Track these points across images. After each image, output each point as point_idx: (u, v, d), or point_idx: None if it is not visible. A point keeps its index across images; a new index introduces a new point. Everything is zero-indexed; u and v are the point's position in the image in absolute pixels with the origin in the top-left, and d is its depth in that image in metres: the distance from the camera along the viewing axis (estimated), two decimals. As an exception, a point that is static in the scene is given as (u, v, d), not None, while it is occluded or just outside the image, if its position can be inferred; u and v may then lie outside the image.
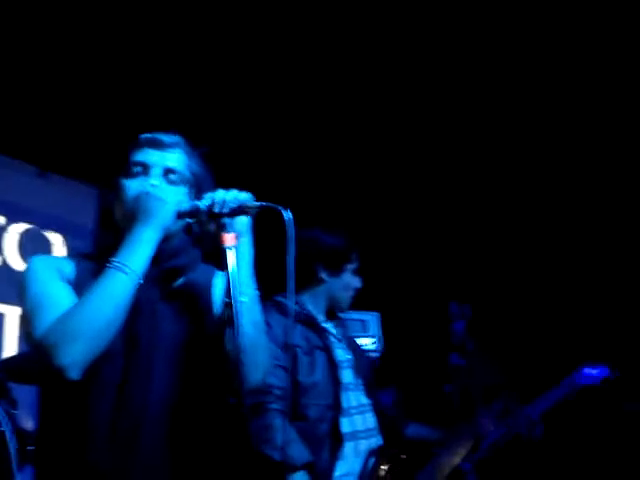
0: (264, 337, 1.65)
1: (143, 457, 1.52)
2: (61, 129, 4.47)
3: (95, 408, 1.51)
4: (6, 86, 4.12)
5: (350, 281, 2.87)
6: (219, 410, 1.66)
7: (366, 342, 4.43)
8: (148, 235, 1.55)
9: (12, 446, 2.58)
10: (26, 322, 1.54)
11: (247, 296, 1.57)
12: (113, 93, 4.36)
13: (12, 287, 4.31)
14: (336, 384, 2.66)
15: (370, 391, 2.85)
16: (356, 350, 2.94)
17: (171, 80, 4.36)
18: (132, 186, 1.67)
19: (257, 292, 1.63)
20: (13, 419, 2.74)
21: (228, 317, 1.47)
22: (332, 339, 2.80)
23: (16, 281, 4.45)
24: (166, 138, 1.73)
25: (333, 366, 2.68)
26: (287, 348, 2.43)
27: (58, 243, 4.79)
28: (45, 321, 1.47)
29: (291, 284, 1.52)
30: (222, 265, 1.52)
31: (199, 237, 1.70)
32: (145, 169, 1.69)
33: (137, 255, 1.54)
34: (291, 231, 1.50)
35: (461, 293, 3.82)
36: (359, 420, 2.71)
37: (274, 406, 2.44)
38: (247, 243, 1.61)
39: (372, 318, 4.62)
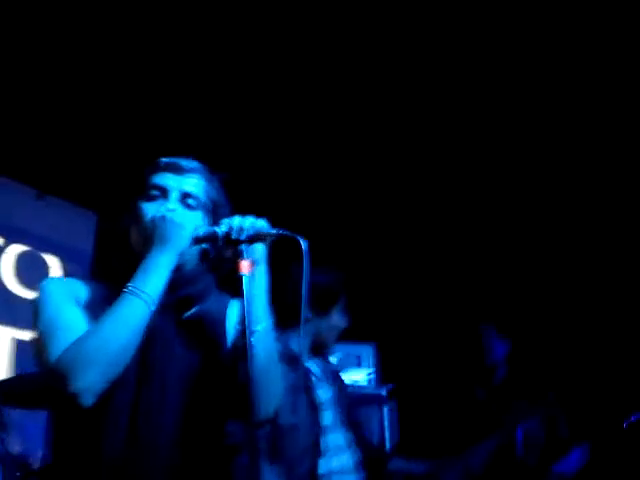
0: (278, 367, 1.62)
1: None
2: (60, 152, 4.48)
3: (108, 435, 1.49)
4: (6, 108, 4.14)
5: (337, 321, 2.83)
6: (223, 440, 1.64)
7: (360, 376, 4.42)
8: (164, 261, 1.53)
9: (0, 470, 2.54)
10: (39, 346, 1.50)
11: (261, 325, 1.55)
12: (113, 117, 4.37)
13: (7, 308, 4.35)
14: (316, 426, 2.65)
15: (350, 427, 2.84)
16: (339, 386, 2.91)
17: (176, 104, 4.37)
18: (149, 209, 1.64)
19: (271, 321, 1.61)
20: (2, 443, 2.71)
21: (242, 346, 1.45)
22: (313, 379, 2.76)
23: (10, 302, 4.47)
24: (185, 163, 1.73)
25: (314, 408, 2.65)
26: None
27: (55, 266, 4.78)
28: (59, 346, 1.44)
29: (303, 314, 1.52)
30: (237, 292, 1.50)
31: (214, 263, 1.68)
32: (163, 193, 1.67)
33: (153, 281, 1.51)
34: (307, 260, 1.49)
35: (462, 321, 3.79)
36: (335, 461, 2.70)
37: (260, 447, 2.42)
38: (263, 271, 1.59)
39: (367, 350, 4.61)
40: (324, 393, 2.75)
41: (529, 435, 3.18)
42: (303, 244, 1.49)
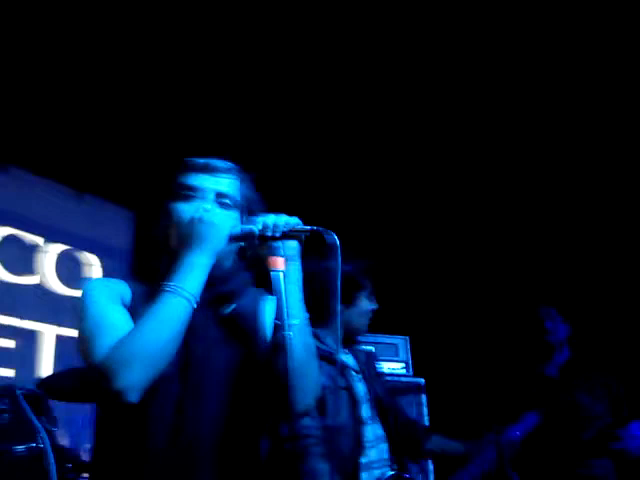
0: (314, 361, 1.66)
1: (198, 476, 1.54)
2: (97, 152, 4.57)
3: (153, 427, 1.54)
4: (45, 109, 4.24)
5: (365, 306, 2.85)
6: (268, 434, 1.69)
7: (396, 366, 4.45)
8: (202, 260, 1.57)
9: (52, 463, 2.62)
10: (85, 345, 1.55)
11: (297, 319, 1.59)
12: (150, 117, 4.46)
13: (49, 306, 4.46)
14: (357, 422, 2.69)
15: (391, 411, 2.88)
16: (371, 376, 2.95)
17: (206, 105, 4.45)
18: (186, 210, 1.68)
19: (307, 315, 1.65)
20: (52, 436, 2.79)
21: (279, 340, 1.50)
22: (352, 373, 2.81)
23: (53, 301, 4.57)
24: (219, 164, 1.77)
25: (355, 404, 2.70)
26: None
27: (94, 264, 4.89)
28: (104, 345, 1.48)
29: (337, 308, 1.54)
30: (272, 289, 1.55)
31: (251, 261, 1.73)
32: (199, 193, 1.71)
33: (192, 279, 1.55)
34: (339, 256, 1.53)
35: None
36: (374, 452, 2.75)
37: (316, 450, 2.48)
38: (296, 267, 1.63)
39: (401, 342, 4.64)
40: (362, 388, 2.80)
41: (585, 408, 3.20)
42: (336, 240, 1.53)
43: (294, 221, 1.61)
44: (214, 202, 1.71)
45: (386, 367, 4.37)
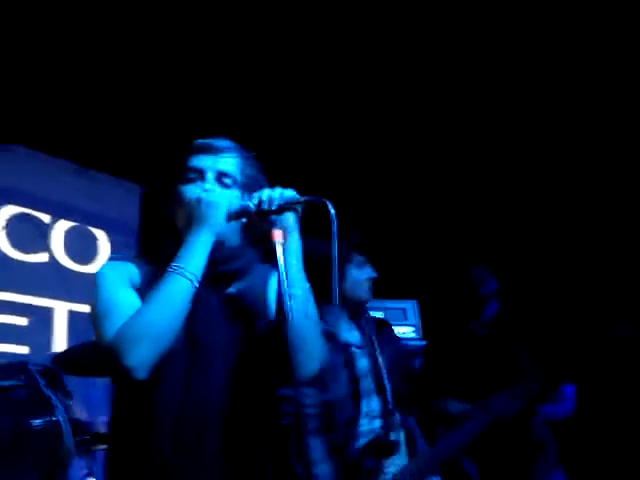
0: (317, 328, 1.69)
1: (206, 450, 1.59)
2: (100, 126, 4.56)
3: (162, 402, 1.58)
4: (48, 85, 4.23)
5: (358, 276, 2.85)
6: (272, 403, 1.72)
7: (406, 330, 4.49)
8: (202, 239, 1.62)
9: (69, 436, 2.67)
10: (97, 326, 1.61)
11: (299, 289, 1.62)
12: (153, 89, 4.44)
13: (60, 282, 4.50)
14: (356, 398, 2.75)
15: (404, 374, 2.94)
16: (382, 345, 2.98)
17: (208, 81, 4.43)
18: (189, 192, 1.72)
19: (308, 285, 1.67)
20: (68, 410, 2.84)
21: (282, 310, 1.51)
22: (353, 350, 2.85)
23: (63, 277, 4.59)
24: (219, 143, 1.78)
25: (354, 381, 2.77)
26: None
27: (102, 239, 4.91)
28: (113, 325, 1.54)
29: (335, 275, 1.54)
30: (274, 261, 1.56)
31: (255, 237, 1.74)
32: (200, 174, 1.74)
33: (193, 259, 1.60)
34: (335, 224, 1.53)
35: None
36: (366, 423, 2.82)
37: (312, 424, 2.55)
38: (295, 238, 1.65)
39: (410, 306, 4.67)
40: (364, 361, 2.85)
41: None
42: (331, 208, 1.53)
43: (289, 193, 1.62)
44: (215, 182, 1.73)
45: (397, 331, 4.40)
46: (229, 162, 1.76)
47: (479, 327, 3.27)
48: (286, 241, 1.61)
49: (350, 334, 2.88)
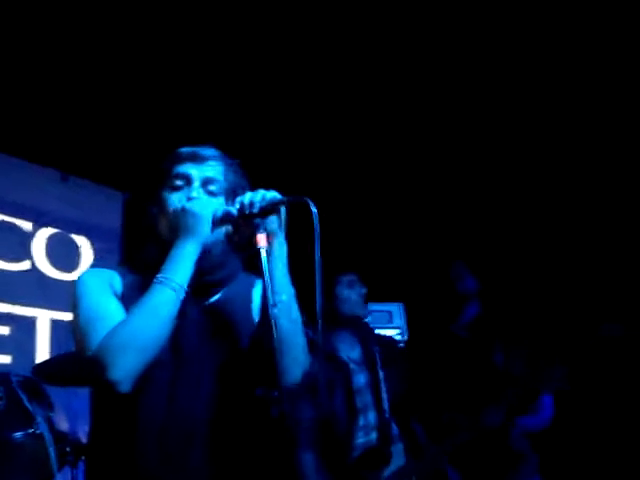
0: (302, 335, 1.67)
1: (191, 461, 1.56)
2: (82, 133, 4.52)
3: (146, 414, 1.56)
4: (28, 93, 4.18)
5: (350, 295, 3.03)
6: (259, 414, 1.71)
7: (392, 333, 4.47)
8: (189, 250, 1.59)
9: (51, 448, 2.64)
10: (79, 337, 1.58)
11: (285, 294, 1.61)
12: (133, 99, 4.41)
13: (42, 291, 4.45)
14: (352, 411, 2.86)
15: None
16: (378, 357, 3.05)
17: (189, 87, 4.41)
18: (174, 199, 1.71)
19: (293, 290, 1.66)
20: (50, 421, 2.81)
21: (265, 316, 1.50)
22: (352, 366, 2.97)
23: (45, 285, 4.55)
24: (204, 152, 1.77)
25: (350, 396, 2.87)
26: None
27: (85, 246, 4.87)
28: (96, 336, 1.51)
29: (318, 277, 1.50)
30: (259, 267, 1.53)
31: (239, 244, 1.71)
32: (186, 182, 1.73)
33: (180, 270, 1.57)
34: (317, 223, 1.50)
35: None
36: (362, 438, 2.88)
37: (303, 438, 2.61)
38: (281, 242, 1.63)
39: (396, 309, 4.66)
40: (362, 377, 2.92)
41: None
42: (313, 207, 1.50)
43: (271, 194, 1.59)
44: (201, 189, 1.72)
45: (382, 334, 4.40)
46: (214, 170, 1.76)
47: (459, 329, 3.30)
48: (271, 245, 1.59)
49: (351, 351, 3.03)
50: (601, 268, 4.61)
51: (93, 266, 1.78)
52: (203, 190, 1.72)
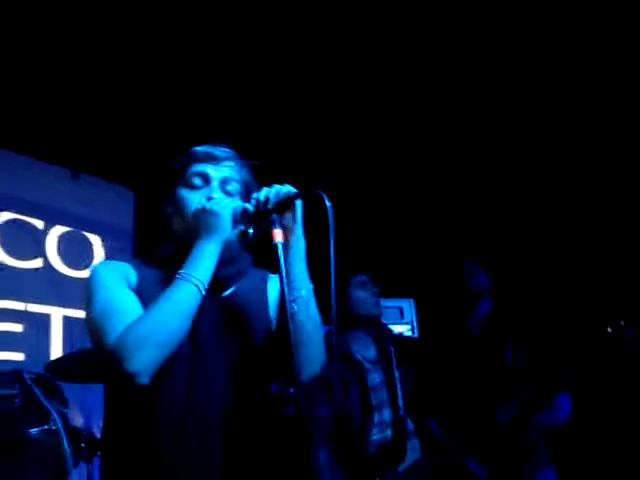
0: (319, 331, 1.69)
1: (209, 453, 1.58)
2: (93, 131, 4.54)
3: (165, 407, 1.58)
4: (39, 90, 4.20)
5: (363, 295, 3.10)
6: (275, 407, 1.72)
7: (402, 329, 4.48)
8: (211, 248, 1.62)
9: (66, 444, 2.65)
10: (95, 328, 1.58)
11: (304, 290, 1.63)
12: (145, 97, 4.41)
13: (55, 289, 4.48)
14: (367, 408, 2.91)
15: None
16: (394, 356, 3.08)
17: (199, 85, 4.41)
18: (192, 199, 1.73)
19: (312, 285, 1.67)
20: (65, 417, 2.82)
21: (283, 312, 1.50)
22: (367, 365, 3.03)
23: (58, 283, 4.59)
24: (221, 152, 1.80)
25: (365, 394, 2.92)
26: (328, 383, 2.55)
27: (97, 244, 4.89)
28: (115, 329, 1.53)
29: (333, 272, 1.50)
30: (274, 266, 1.53)
31: (252, 242, 1.72)
32: (205, 182, 1.76)
33: (203, 267, 1.60)
34: (332, 216, 1.50)
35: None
36: (377, 435, 2.92)
37: (319, 436, 2.66)
38: (298, 237, 1.64)
39: (407, 304, 4.66)
40: (377, 376, 2.95)
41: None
42: (327, 200, 1.50)
43: (285, 189, 1.60)
44: (219, 189, 1.75)
45: (394, 330, 4.41)
46: (231, 170, 1.79)
47: (472, 326, 3.31)
48: (288, 240, 1.61)
49: (366, 351, 3.08)
50: (615, 268, 4.58)
51: (106, 259, 1.80)
52: (221, 191, 1.75)
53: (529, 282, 4.55)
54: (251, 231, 1.66)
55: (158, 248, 1.78)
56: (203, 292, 1.59)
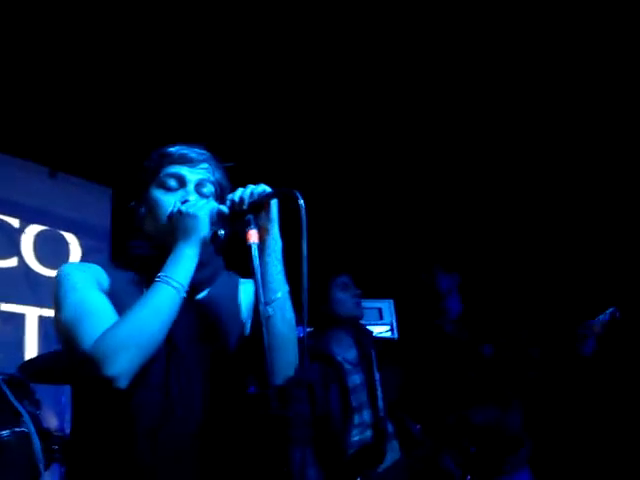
0: (294, 334, 1.67)
1: (186, 455, 1.56)
2: (70, 129, 4.50)
3: (141, 411, 1.55)
4: (16, 88, 4.16)
5: (344, 297, 3.06)
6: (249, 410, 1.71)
7: (381, 329, 4.48)
8: (190, 252, 1.59)
9: (37, 446, 2.62)
10: (67, 332, 1.55)
11: (279, 292, 1.61)
12: (122, 95, 4.39)
13: (31, 288, 4.43)
14: (346, 410, 2.89)
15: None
16: (374, 358, 3.08)
17: (177, 84, 4.39)
18: (167, 201, 1.70)
19: (287, 288, 1.65)
20: (37, 419, 2.79)
21: (257, 315, 1.48)
22: (348, 367, 3.01)
23: (34, 282, 4.53)
24: (196, 154, 1.76)
25: (345, 394, 2.91)
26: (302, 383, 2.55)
27: (73, 243, 4.84)
28: (89, 333, 1.49)
29: (305, 269, 1.47)
30: (247, 269, 1.51)
31: (223, 244, 1.69)
32: (178, 184, 1.73)
33: (182, 270, 1.58)
34: (304, 215, 1.47)
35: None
36: (357, 436, 2.92)
37: (297, 435, 2.65)
38: (274, 237, 1.62)
39: (387, 305, 4.66)
40: (358, 378, 3.01)
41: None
42: (300, 199, 1.48)
43: (259, 188, 1.58)
44: (194, 192, 1.72)
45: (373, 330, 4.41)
46: (206, 172, 1.76)
47: (445, 322, 3.34)
48: (265, 241, 1.59)
49: (346, 352, 3.06)
50: (587, 263, 4.63)
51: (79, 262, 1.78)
52: (196, 193, 1.72)
53: (501, 279, 4.57)
54: (222, 232, 1.62)
55: (130, 250, 1.75)
56: (183, 295, 1.56)
